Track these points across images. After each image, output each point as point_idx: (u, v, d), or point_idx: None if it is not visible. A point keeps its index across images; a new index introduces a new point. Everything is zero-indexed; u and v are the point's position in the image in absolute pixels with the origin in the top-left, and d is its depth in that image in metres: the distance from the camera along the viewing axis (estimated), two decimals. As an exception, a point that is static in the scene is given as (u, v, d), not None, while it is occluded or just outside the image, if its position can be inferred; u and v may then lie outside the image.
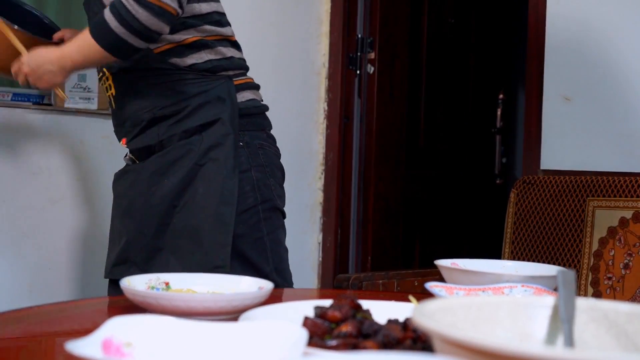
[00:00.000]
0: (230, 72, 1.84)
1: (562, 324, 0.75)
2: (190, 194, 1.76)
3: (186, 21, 1.80)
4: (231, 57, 1.86)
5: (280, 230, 1.87)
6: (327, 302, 0.94)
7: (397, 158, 3.63)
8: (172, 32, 1.77)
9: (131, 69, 1.81)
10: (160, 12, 1.66)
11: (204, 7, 1.83)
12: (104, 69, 1.87)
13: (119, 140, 1.91)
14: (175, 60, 1.80)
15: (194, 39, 1.80)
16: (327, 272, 3.45)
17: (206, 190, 1.75)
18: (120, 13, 1.65)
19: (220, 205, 1.74)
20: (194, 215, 1.74)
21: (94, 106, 2.78)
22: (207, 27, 1.83)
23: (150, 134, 1.82)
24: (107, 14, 1.67)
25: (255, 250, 1.79)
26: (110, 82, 1.87)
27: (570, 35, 2.70)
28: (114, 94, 1.86)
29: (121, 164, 1.97)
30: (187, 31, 1.80)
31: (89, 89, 2.75)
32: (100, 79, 1.92)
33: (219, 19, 1.86)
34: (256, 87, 1.91)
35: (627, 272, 2.22)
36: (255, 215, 1.80)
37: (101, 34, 1.69)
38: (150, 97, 1.81)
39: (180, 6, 1.70)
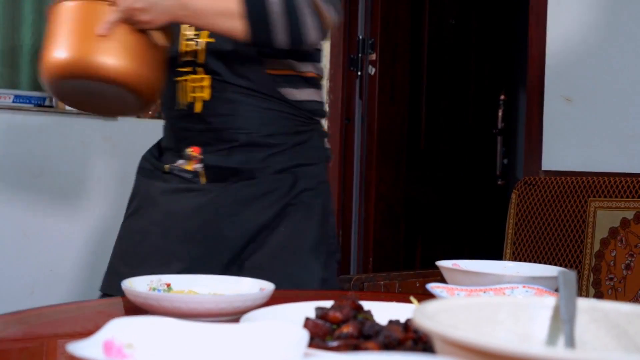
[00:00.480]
0: (321, 119, 1.75)
1: (563, 324, 0.75)
2: (271, 233, 1.63)
3: (314, 53, 1.69)
4: (323, 103, 1.76)
5: None
6: (328, 303, 0.94)
7: (398, 159, 3.63)
8: (297, 58, 1.66)
9: (238, 83, 1.64)
10: (322, 28, 1.55)
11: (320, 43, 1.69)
12: (198, 68, 1.65)
13: (185, 145, 1.67)
14: (286, 91, 1.66)
15: (311, 74, 1.70)
16: (328, 273, 3.45)
17: (293, 233, 1.62)
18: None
19: (310, 252, 1.64)
20: (276, 256, 1.61)
21: (95, 108, 2.78)
22: (318, 65, 1.73)
23: (240, 157, 1.64)
24: None
25: None
26: (206, 84, 1.65)
27: (571, 36, 2.70)
28: (206, 98, 1.65)
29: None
30: (308, 64, 1.69)
31: (90, 90, 2.75)
32: (179, 73, 1.67)
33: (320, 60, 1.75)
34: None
35: (629, 272, 2.22)
36: (335, 262, 1.74)
37: (253, 4, 1.51)
38: (251, 120, 1.64)
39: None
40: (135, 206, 1.72)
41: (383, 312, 0.99)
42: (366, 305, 0.97)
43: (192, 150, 1.66)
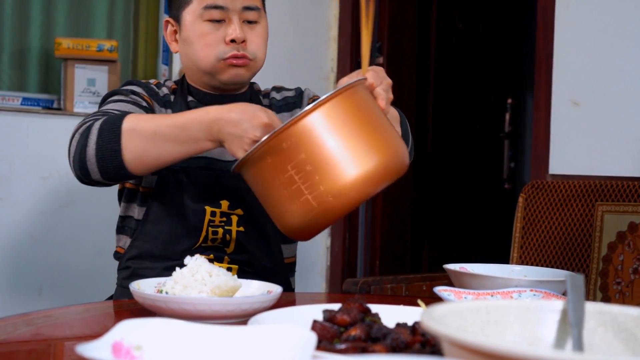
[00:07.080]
0: None
1: (571, 328, 0.75)
2: None
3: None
4: None
5: None
6: (335, 306, 0.94)
7: (406, 162, 3.63)
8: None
9: (259, 271, 1.71)
10: None
11: None
12: (225, 256, 1.68)
13: None
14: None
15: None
16: (335, 276, 3.45)
17: None
18: None
19: None
20: None
21: (103, 110, 2.79)
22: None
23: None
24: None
25: None
26: (233, 273, 1.58)
27: (579, 40, 2.70)
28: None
29: None
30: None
31: (98, 93, 2.76)
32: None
33: None
34: None
35: (636, 277, 2.21)
36: None
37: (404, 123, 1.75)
38: None
39: None
40: None
41: (390, 315, 0.99)
42: (373, 308, 0.97)
43: None
